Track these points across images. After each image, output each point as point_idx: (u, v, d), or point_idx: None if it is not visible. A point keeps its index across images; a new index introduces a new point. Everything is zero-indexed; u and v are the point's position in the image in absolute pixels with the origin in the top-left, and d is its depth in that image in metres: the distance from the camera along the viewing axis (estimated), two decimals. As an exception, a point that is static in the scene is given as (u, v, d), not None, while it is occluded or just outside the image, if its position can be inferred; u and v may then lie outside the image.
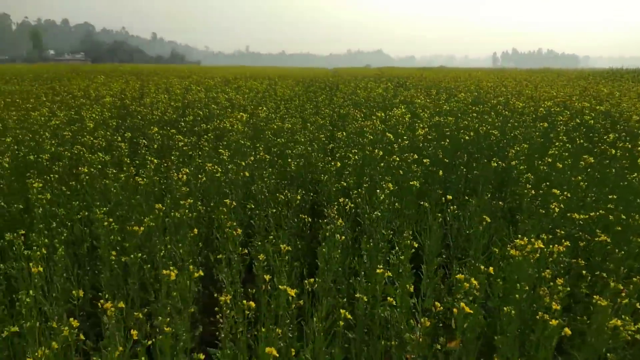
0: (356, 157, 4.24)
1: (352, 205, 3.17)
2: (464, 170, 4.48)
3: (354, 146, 5.02)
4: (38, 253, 2.25)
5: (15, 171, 4.79)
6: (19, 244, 2.79)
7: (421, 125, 5.27)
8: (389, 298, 2.19)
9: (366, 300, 2.22)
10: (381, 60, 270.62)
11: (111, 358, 1.98)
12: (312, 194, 4.46)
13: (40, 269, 2.12)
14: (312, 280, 2.17)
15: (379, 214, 2.99)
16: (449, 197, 3.12)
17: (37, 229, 3.38)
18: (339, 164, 4.06)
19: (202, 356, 1.46)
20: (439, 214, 2.90)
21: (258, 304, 2.42)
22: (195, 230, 3.23)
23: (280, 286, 1.90)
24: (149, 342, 1.93)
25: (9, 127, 6.27)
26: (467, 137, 4.88)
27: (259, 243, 3.43)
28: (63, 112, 6.94)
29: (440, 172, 3.85)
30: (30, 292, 2.04)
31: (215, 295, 3.19)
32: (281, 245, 2.59)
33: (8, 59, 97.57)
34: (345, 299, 2.65)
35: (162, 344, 1.93)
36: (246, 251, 2.91)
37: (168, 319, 2.02)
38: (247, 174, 3.82)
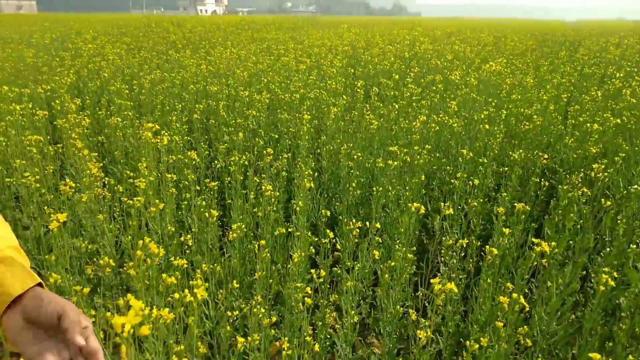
0: (617, 120, 3.67)
1: (605, 174, 2.82)
2: None
3: (605, 110, 4.36)
4: (307, 172, 2.70)
5: (270, 106, 5.70)
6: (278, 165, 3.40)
7: None
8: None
9: (614, 276, 2.02)
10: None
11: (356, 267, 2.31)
12: (543, 158, 4.12)
13: (312, 184, 2.55)
14: (553, 244, 2.07)
15: (639, 188, 2.60)
16: None
17: (285, 158, 4.02)
18: (596, 126, 3.61)
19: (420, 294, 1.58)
20: None
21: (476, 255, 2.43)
22: (422, 176, 3.37)
23: (533, 239, 1.87)
24: (392, 264, 2.17)
25: (263, 69, 7.39)
26: None
27: (480, 200, 3.39)
28: (307, 59, 7.79)
29: None
30: (300, 203, 2.48)
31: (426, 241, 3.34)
32: (517, 205, 2.51)
33: (255, 10, 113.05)
34: (584, 273, 2.45)
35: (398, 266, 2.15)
36: (475, 204, 2.91)
37: (404, 248, 2.22)
38: (487, 126, 3.73)
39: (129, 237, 2.70)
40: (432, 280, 1.32)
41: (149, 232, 2.97)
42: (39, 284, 0.79)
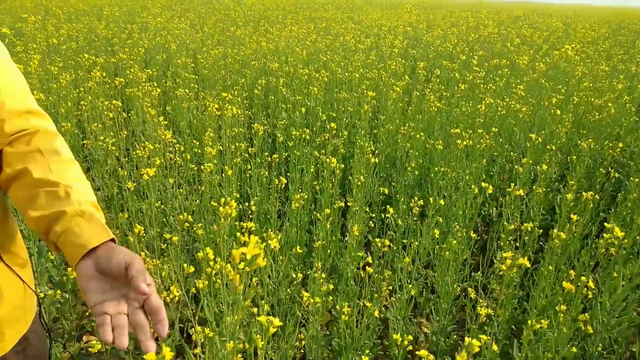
0: None
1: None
2: None
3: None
4: (369, 148, 2.74)
5: (328, 85, 5.73)
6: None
7: None
8: None
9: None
10: None
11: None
12: (617, 148, 3.93)
13: (376, 159, 2.59)
14: (622, 234, 2.01)
15: None
16: None
17: (341, 133, 4.07)
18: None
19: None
20: None
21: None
22: (484, 161, 3.32)
23: (605, 224, 1.83)
24: (454, 242, 2.19)
25: (321, 49, 7.40)
26: None
27: (543, 189, 3.30)
28: (367, 40, 7.73)
29: None
30: (361, 177, 2.53)
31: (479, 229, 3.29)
32: (584, 193, 2.44)
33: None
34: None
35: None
36: (540, 191, 2.85)
37: (464, 229, 2.22)
38: (557, 112, 3.60)
39: (197, 201, 2.86)
40: (503, 255, 1.34)
41: (213, 199, 3.12)
42: (112, 240, 0.85)
